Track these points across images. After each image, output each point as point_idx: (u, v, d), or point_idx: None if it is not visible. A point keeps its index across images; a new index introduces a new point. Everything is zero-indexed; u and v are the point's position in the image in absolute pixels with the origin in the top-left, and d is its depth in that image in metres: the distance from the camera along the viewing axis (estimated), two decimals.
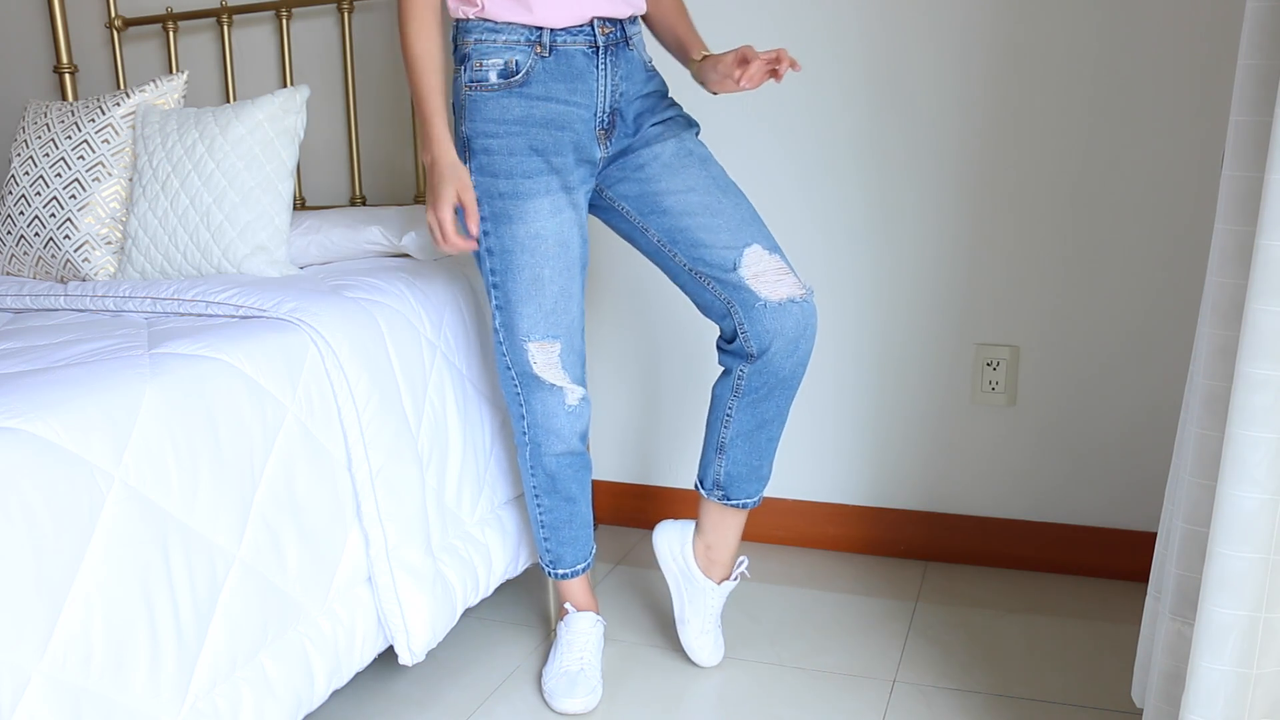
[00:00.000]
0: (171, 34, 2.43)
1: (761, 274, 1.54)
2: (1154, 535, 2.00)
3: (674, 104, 1.64)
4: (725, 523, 1.69)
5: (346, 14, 2.28)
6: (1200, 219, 1.88)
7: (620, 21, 1.55)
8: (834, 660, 1.77)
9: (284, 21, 2.34)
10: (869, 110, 2.03)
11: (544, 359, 1.59)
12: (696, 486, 1.71)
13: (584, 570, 1.76)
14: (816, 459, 2.20)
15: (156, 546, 1.17)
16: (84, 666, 1.08)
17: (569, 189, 1.54)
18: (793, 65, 1.44)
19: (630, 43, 1.57)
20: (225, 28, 2.39)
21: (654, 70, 1.63)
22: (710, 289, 1.57)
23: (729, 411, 1.63)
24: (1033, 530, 2.07)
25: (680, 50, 1.65)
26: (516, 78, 1.49)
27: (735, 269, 1.54)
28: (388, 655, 1.81)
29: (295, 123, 1.90)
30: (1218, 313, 1.13)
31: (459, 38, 1.53)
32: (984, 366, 2.04)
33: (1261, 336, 1.00)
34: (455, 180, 1.49)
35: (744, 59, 1.47)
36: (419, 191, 2.30)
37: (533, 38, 1.49)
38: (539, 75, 1.49)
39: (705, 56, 1.58)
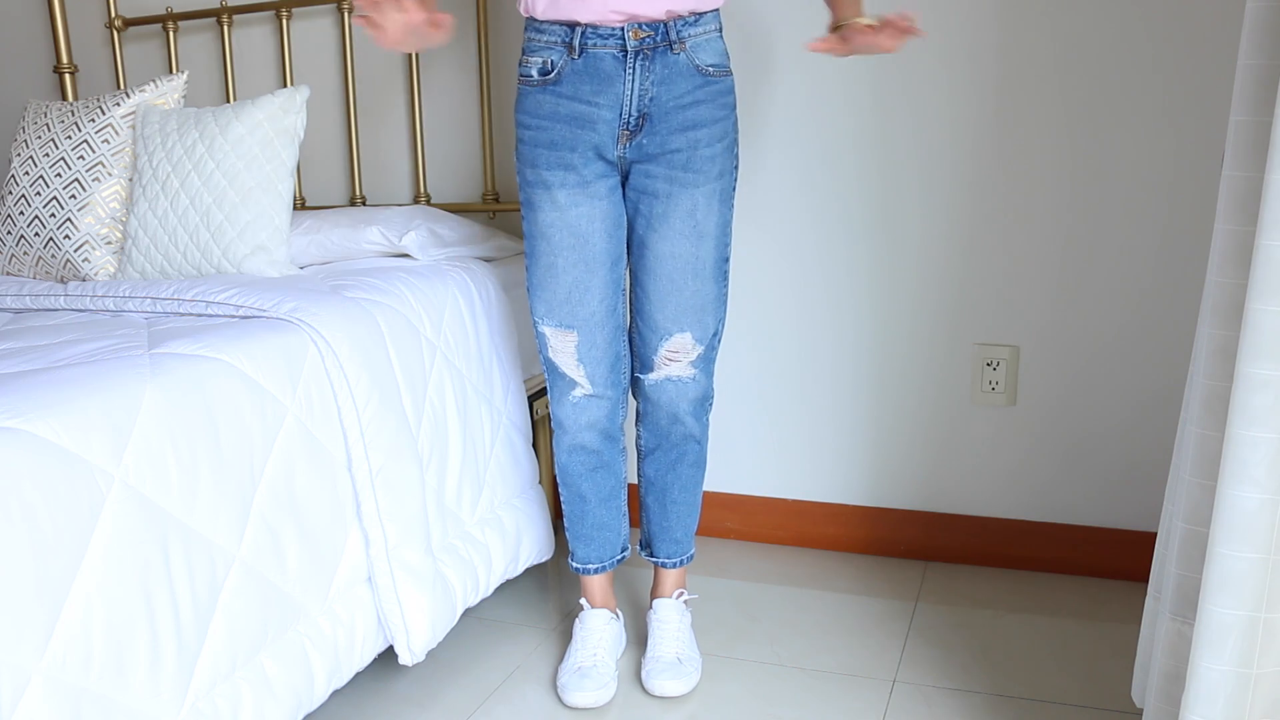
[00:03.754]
0: (171, 34, 2.43)
1: (671, 356, 1.65)
2: (1154, 535, 2.00)
3: (721, 135, 1.57)
4: (659, 578, 1.82)
5: (346, 14, 2.28)
6: (1200, 219, 1.88)
7: (663, 24, 1.51)
8: (834, 660, 1.77)
9: (284, 21, 2.34)
10: (869, 110, 2.03)
11: (559, 345, 1.64)
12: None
13: (596, 571, 1.77)
14: (816, 459, 2.20)
15: (156, 546, 1.17)
16: (84, 666, 1.08)
17: (586, 183, 1.57)
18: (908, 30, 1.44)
19: (676, 46, 1.52)
20: (225, 28, 2.39)
21: (715, 76, 1.56)
22: (632, 333, 1.69)
23: (640, 470, 1.80)
24: (1033, 530, 2.07)
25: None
26: (550, 76, 1.55)
27: (659, 342, 1.65)
28: (388, 655, 1.81)
29: (295, 123, 1.90)
30: (1218, 313, 1.13)
31: (524, 34, 1.61)
32: (984, 366, 2.04)
33: (1261, 336, 1.00)
34: None
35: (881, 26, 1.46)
36: (419, 191, 2.30)
37: (567, 39, 1.52)
38: (569, 75, 1.54)
39: (841, 27, 1.51)
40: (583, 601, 1.78)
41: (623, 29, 1.50)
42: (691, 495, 1.77)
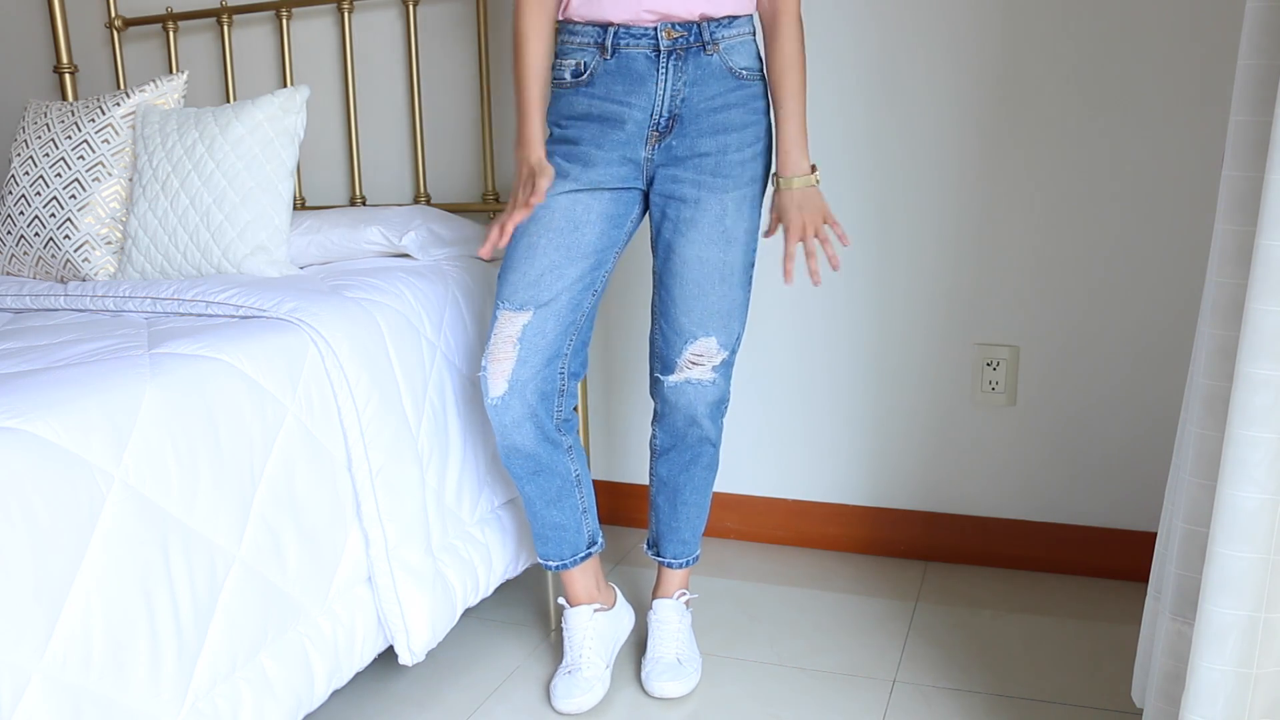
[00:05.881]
0: (171, 34, 2.43)
1: (695, 359, 1.63)
2: (1154, 535, 2.00)
3: (753, 140, 1.56)
4: (662, 578, 1.81)
5: (346, 14, 2.28)
6: (1200, 219, 1.88)
7: (696, 25, 1.50)
8: (834, 660, 1.77)
9: (284, 21, 2.34)
10: (867, 111, 2.03)
11: (504, 326, 1.56)
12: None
13: (559, 568, 1.74)
14: (816, 459, 2.20)
15: (156, 546, 1.17)
16: (84, 666, 1.08)
17: (600, 179, 1.55)
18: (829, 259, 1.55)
19: (709, 48, 1.51)
20: (225, 28, 2.39)
21: (747, 79, 1.55)
22: (655, 334, 1.66)
23: (652, 469, 1.77)
24: (1033, 530, 2.07)
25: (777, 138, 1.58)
26: (583, 78, 1.54)
27: (683, 345, 1.62)
28: (388, 655, 1.81)
29: (295, 123, 1.90)
30: (1218, 313, 1.13)
31: (556, 38, 1.60)
32: (984, 366, 2.04)
33: (1261, 336, 1.00)
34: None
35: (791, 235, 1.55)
36: (419, 192, 2.30)
37: (599, 40, 1.52)
38: (601, 76, 1.53)
39: (778, 180, 1.56)
40: (561, 601, 1.77)
41: (656, 29, 1.50)
42: (702, 497, 1.76)
